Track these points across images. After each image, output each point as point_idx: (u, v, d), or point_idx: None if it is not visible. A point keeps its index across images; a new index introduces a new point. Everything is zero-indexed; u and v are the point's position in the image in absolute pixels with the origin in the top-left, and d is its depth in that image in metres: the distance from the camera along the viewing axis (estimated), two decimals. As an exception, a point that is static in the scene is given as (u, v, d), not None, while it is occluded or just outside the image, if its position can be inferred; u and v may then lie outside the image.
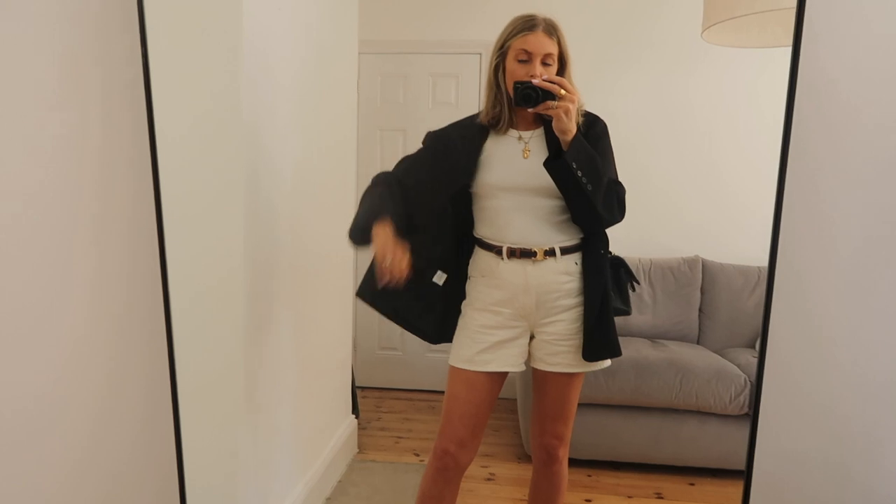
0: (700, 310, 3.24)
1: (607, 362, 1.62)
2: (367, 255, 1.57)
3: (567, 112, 1.46)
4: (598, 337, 1.57)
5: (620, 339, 1.62)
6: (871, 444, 1.31)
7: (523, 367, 1.63)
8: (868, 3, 1.23)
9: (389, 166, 1.74)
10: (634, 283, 1.73)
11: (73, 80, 1.17)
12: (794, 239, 1.30)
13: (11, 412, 1.07)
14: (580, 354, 1.58)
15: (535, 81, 1.47)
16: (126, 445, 1.36)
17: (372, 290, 1.62)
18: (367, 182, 1.72)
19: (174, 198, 1.47)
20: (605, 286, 1.59)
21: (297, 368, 2.11)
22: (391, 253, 1.47)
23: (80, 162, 1.20)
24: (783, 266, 1.30)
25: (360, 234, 1.57)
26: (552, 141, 1.53)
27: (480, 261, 1.63)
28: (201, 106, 1.57)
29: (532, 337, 1.62)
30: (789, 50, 1.26)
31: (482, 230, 1.63)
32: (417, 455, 2.86)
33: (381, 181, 1.69)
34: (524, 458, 2.86)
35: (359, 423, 3.02)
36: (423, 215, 1.65)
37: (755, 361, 2.63)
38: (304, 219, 2.12)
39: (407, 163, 1.73)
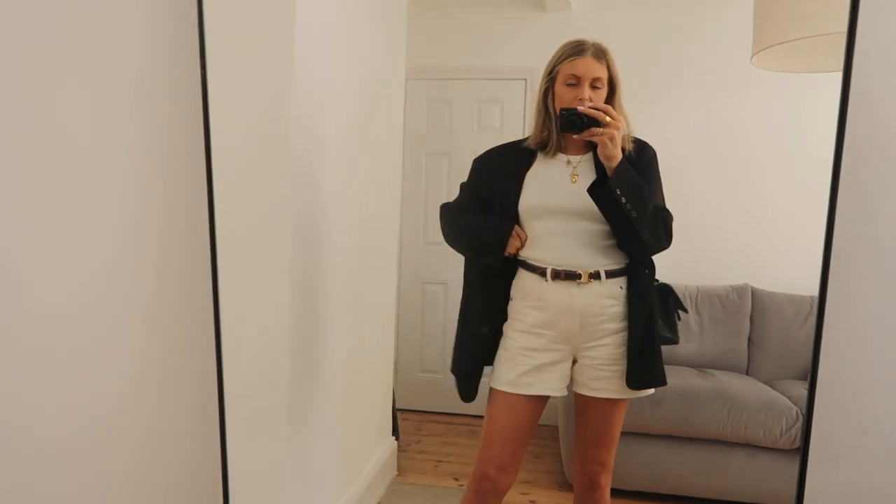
0: (749, 339, 3.15)
1: (651, 390, 1.59)
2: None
3: (612, 139, 1.46)
4: (642, 364, 1.55)
5: (667, 367, 1.60)
6: None
7: (565, 392, 1.61)
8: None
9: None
10: (682, 311, 1.70)
11: (139, 123, 1.23)
12: (846, 269, 1.26)
13: (68, 433, 1.11)
14: (624, 381, 1.56)
15: (581, 108, 1.48)
16: (175, 463, 1.40)
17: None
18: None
19: (225, 212, 1.52)
20: (651, 312, 1.57)
21: (341, 389, 2.13)
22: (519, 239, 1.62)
23: (144, 200, 1.25)
24: (834, 296, 1.26)
25: (497, 250, 1.64)
26: (600, 167, 1.53)
27: (524, 282, 1.63)
28: (253, 138, 1.62)
29: (575, 361, 1.61)
30: (835, 75, 1.23)
31: (527, 252, 1.63)
32: (457, 479, 2.84)
33: (454, 207, 1.76)
34: (565, 486, 2.81)
35: (399, 446, 3.02)
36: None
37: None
38: (350, 242, 2.16)
39: (462, 195, 1.77)
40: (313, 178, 1.80)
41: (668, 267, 1.88)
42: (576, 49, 1.55)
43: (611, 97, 1.57)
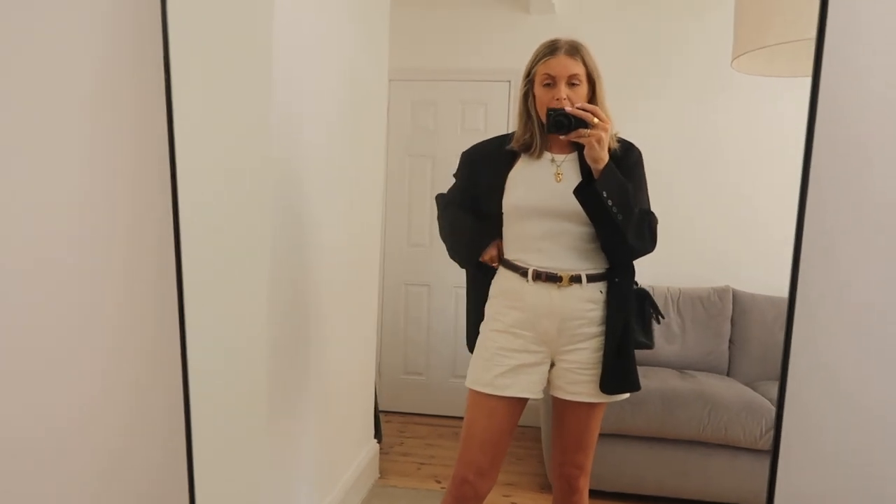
0: (730, 341, 3.17)
1: (626, 394, 1.59)
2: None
3: (599, 140, 1.46)
4: (617, 369, 1.55)
5: (648, 368, 1.61)
6: (881, 491, 1.25)
7: (541, 395, 1.61)
8: (890, 34, 1.21)
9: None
10: (659, 317, 1.71)
11: (102, 124, 1.21)
12: (812, 276, 1.28)
13: (45, 431, 1.09)
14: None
15: (569, 109, 1.47)
16: (146, 470, 1.38)
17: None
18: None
19: (193, 207, 1.50)
20: (628, 318, 1.57)
21: (320, 392, 2.12)
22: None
23: (111, 206, 1.23)
24: (802, 302, 1.27)
25: (471, 260, 1.70)
26: (585, 167, 1.53)
27: (504, 281, 1.62)
28: (230, 135, 1.60)
29: (553, 364, 1.61)
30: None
31: (510, 252, 1.63)
32: (439, 482, 2.84)
33: (449, 202, 1.77)
34: (547, 487, 2.81)
35: (381, 448, 3.01)
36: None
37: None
38: (332, 244, 2.15)
39: (454, 186, 1.78)
40: (294, 179, 1.79)
41: (649, 269, 1.88)
42: (549, 49, 1.55)
43: (592, 92, 1.57)
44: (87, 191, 1.18)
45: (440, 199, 1.81)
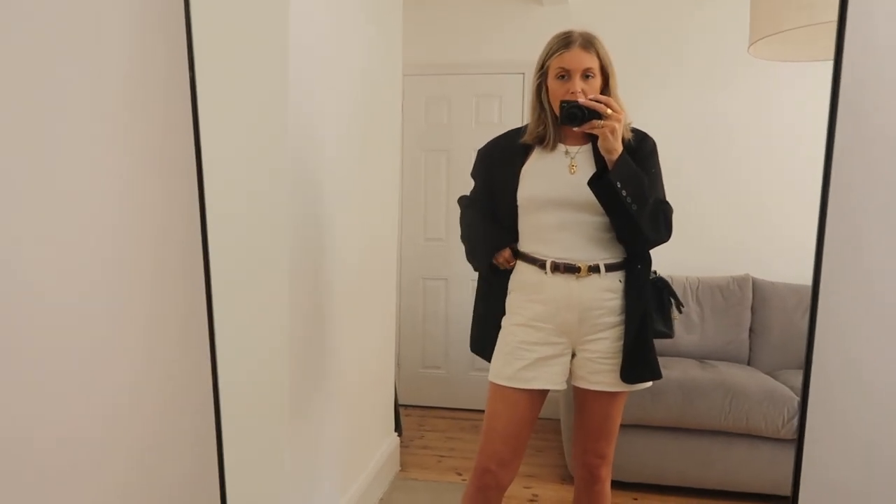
0: (751, 329, 3.15)
1: (648, 383, 1.59)
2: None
3: (613, 131, 1.46)
4: (637, 358, 1.55)
5: (668, 359, 1.60)
6: None
7: (564, 386, 1.62)
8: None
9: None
10: (680, 307, 1.70)
11: (130, 124, 1.23)
12: (836, 267, 1.26)
13: (67, 440, 1.11)
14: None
15: (582, 101, 1.47)
16: (178, 466, 1.40)
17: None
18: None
19: (223, 214, 1.52)
20: (646, 307, 1.57)
21: (342, 385, 2.14)
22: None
23: (136, 206, 1.25)
24: (825, 293, 1.25)
25: (484, 262, 1.70)
26: (599, 158, 1.53)
27: (523, 275, 1.63)
28: (249, 136, 1.62)
29: (574, 355, 1.61)
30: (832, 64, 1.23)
31: (526, 245, 1.63)
32: (459, 474, 2.85)
33: (468, 203, 1.79)
34: (568, 479, 2.82)
35: (401, 441, 3.03)
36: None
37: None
38: (350, 237, 2.16)
39: (474, 186, 1.79)
40: (312, 177, 1.80)
41: (668, 259, 1.88)
42: (563, 42, 1.55)
43: (605, 85, 1.57)
44: (114, 192, 1.20)
45: (462, 201, 1.82)
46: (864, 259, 1.25)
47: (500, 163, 1.66)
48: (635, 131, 1.61)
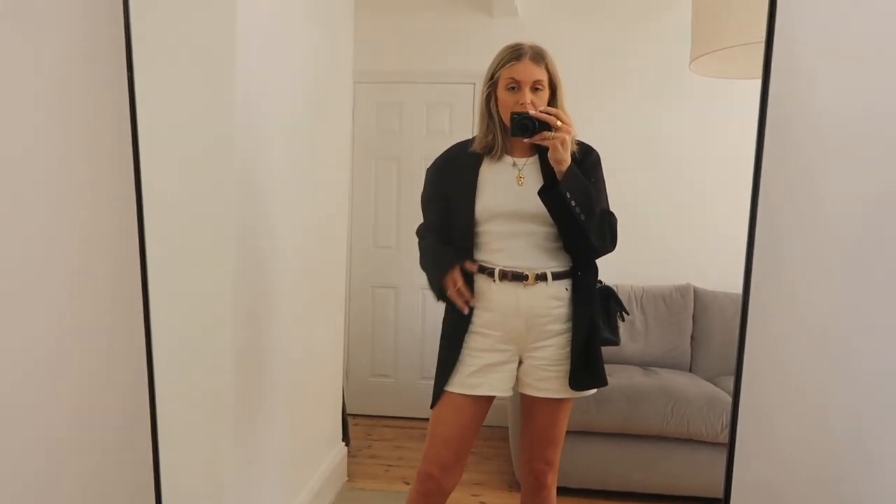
0: (692, 337, 3.25)
1: (594, 390, 1.62)
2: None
3: (563, 143, 1.48)
4: (584, 366, 1.57)
5: (612, 366, 1.63)
6: (831, 480, 1.29)
7: (510, 393, 1.63)
8: (834, 40, 1.25)
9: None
10: (624, 314, 1.74)
11: (60, 126, 1.19)
12: (763, 278, 1.31)
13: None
14: (568, 381, 1.58)
15: (532, 112, 1.50)
16: (102, 463, 1.35)
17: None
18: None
19: (164, 216, 1.48)
20: (593, 315, 1.60)
21: (287, 394, 2.10)
22: (460, 293, 1.60)
23: (65, 197, 1.21)
24: (755, 302, 1.30)
25: (440, 292, 1.65)
26: (546, 169, 1.55)
27: (476, 284, 1.63)
28: (192, 137, 1.59)
29: (521, 362, 1.63)
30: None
31: (480, 254, 1.64)
32: (407, 483, 2.84)
33: (426, 230, 1.74)
34: (515, 486, 2.83)
35: (349, 451, 3.00)
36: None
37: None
38: (298, 245, 2.13)
39: (426, 210, 1.76)
40: (257, 181, 1.78)
41: (613, 268, 1.92)
42: (514, 53, 1.57)
43: (552, 98, 1.60)
44: (45, 191, 1.15)
45: (419, 231, 1.77)
46: (787, 270, 1.30)
47: (454, 176, 1.66)
48: (580, 144, 1.64)
